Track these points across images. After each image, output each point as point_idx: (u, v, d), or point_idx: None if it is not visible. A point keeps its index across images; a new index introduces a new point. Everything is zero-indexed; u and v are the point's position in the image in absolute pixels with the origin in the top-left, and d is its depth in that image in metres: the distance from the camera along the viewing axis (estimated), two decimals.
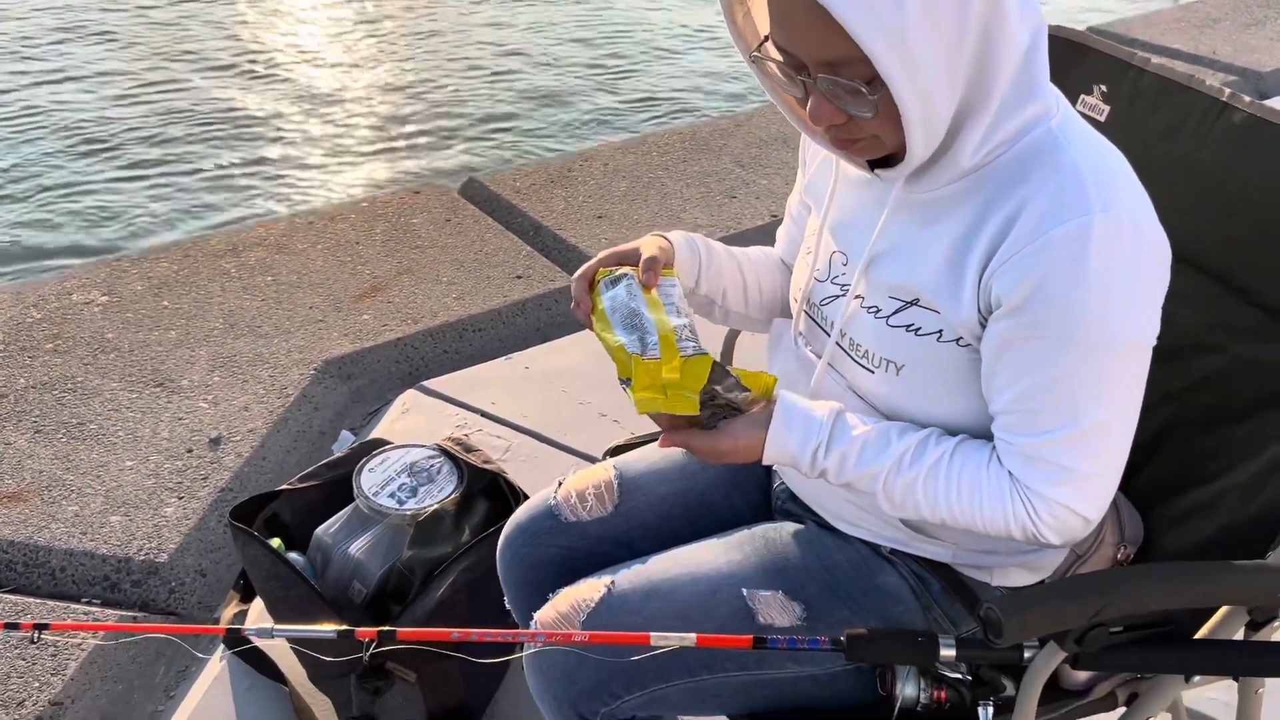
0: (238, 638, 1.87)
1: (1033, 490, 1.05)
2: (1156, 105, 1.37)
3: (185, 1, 6.25)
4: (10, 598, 1.99)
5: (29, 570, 2.07)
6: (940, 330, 1.09)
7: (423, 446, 1.83)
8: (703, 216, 3.52)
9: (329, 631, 1.11)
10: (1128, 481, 1.30)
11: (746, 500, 1.38)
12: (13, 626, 1.10)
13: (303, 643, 1.59)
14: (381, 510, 1.71)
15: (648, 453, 1.43)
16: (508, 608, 1.43)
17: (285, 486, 1.80)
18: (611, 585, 1.19)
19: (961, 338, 1.08)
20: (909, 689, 1.15)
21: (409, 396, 2.61)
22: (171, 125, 4.94)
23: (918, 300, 1.10)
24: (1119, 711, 1.23)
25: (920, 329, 1.10)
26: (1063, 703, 1.21)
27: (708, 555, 1.23)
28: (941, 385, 1.11)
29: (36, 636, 1.08)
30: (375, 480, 1.76)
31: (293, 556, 1.70)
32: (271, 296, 2.98)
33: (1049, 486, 1.05)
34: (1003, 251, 1.01)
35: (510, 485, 1.79)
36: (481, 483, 1.82)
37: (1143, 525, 1.32)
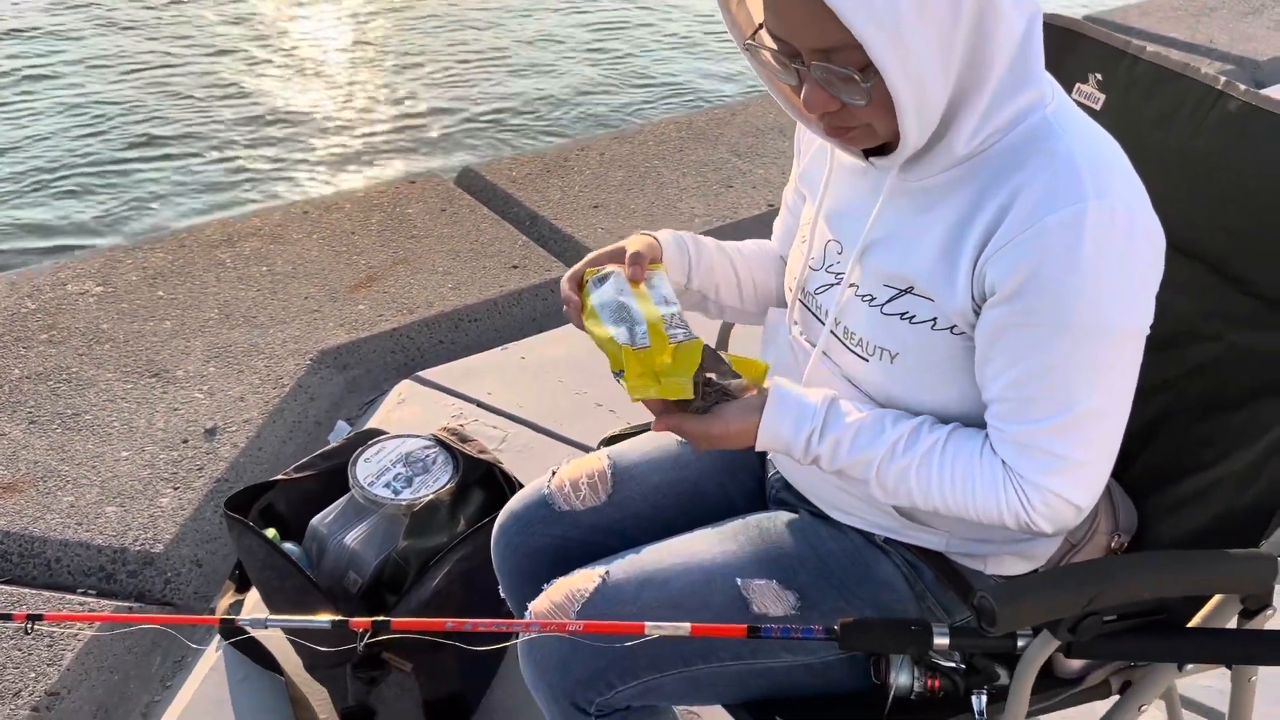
0: (233, 628, 1.87)
1: (1025, 478, 1.05)
2: (1151, 93, 1.37)
3: None
4: (6, 589, 1.99)
5: (24, 561, 2.07)
6: (934, 318, 1.08)
7: (418, 437, 1.83)
8: (699, 206, 3.51)
9: (323, 622, 1.11)
10: (1122, 470, 1.30)
11: (740, 489, 1.38)
12: (5, 617, 1.10)
13: (297, 633, 1.59)
14: (377, 500, 1.70)
15: (641, 442, 1.43)
16: (502, 597, 1.43)
17: (280, 477, 1.80)
18: (606, 575, 1.19)
19: (955, 325, 1.08)
20: (903, 677, 1.15)
21: (405, 387, 2.61)
22: (165, 115, 4.92)
23: (912, 288, 1.09)
24: (1112, 700, 1.23)
25: (914, 317, 1.10)
26: (1056, 691, 1.22)
27: (702, 545, 1.23)
28: (935, 373, 1.11)
29: (30, 627, 1.08)
30: (371, 470, 1.75)
31: (288, 547, 1.70)
32: (267, 287, 2.97)
33: (1042, 475, 1.05)
34: (997, 239, 1.01)
35: (506, 475, 1.79)
36: (477, 473, 1.82)
37: (1137, 514, 1.32)
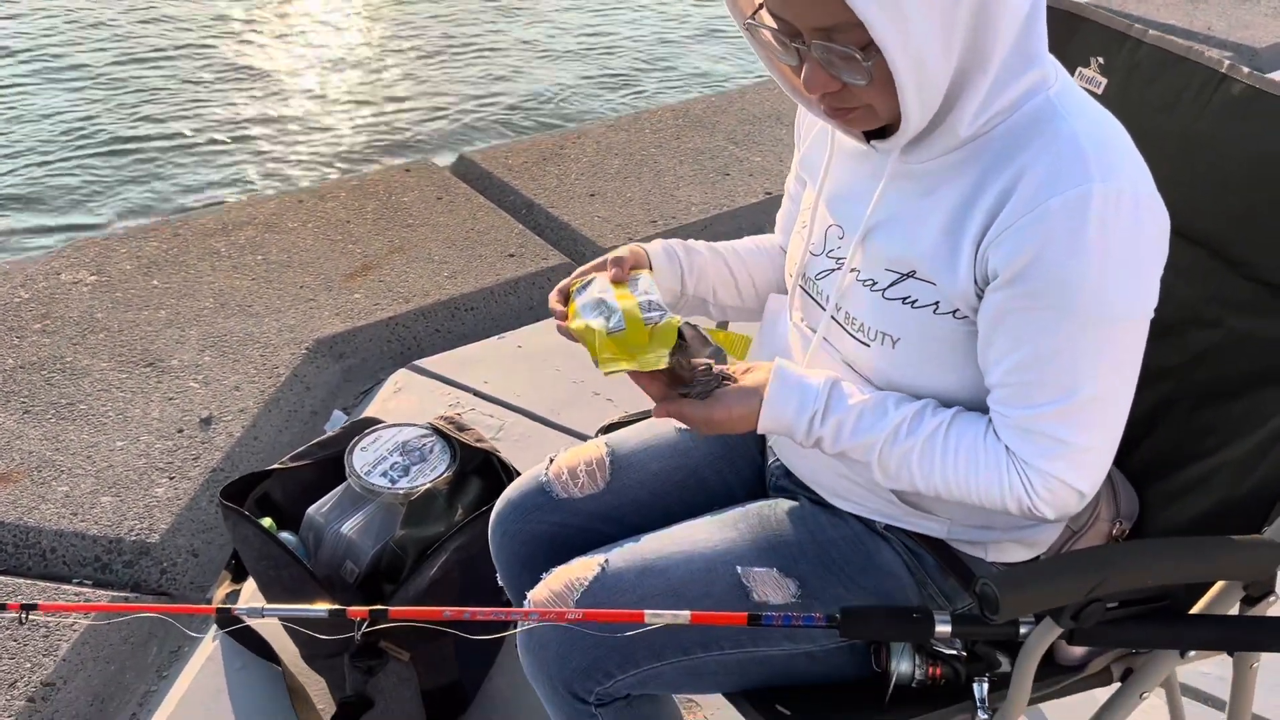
0: (229, 617, 1.85)
1: (1029, 463, 1.05)
2: (1154, 77, 1.36)
3: None
4: (1, 579, 1.98)
5: (19, 551, 2.06)
6: (936, 302, 1.07)
7: (415, 425, 1.82)
8: (696, 194, 3.50)
9: (320, 611, 1.10)
10: (1123, 457, 1.30)
11: (739, 477, 1.38)
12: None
13: (295, 622, 1.58)
14: (374, 489, 1.70)
15: (640, 430, 1.42)
16: (500, 585, 1.42)
17: (277, 466, 1.79)
18: (605, 564, 1.18)
19: (958, 310, 1.07)
20: (904, 665, 1.14)
21: (401, 376, 2.60)
22: (158, 101, 4.89)
23: (914, 272, 1.08)
24: (1113, 687, 1.23)
25: (916, 301, 1.09)
26: (1058, 678, 1.21)
27: (702, 533, 1.22)
28: (937, 358, 1.10)
29: (25, 617, 1.08)
30: (367, 459, 1.75)
31: (285, 536, 1.69)
32: (262, 275, 2.96)
33: (1044, 460, 1.04)
34: (1000, 222, 1.00)
35: (503, 464, 1.78)
36: (474, 461, 1.81)
37: (1138, 500, 1.31)
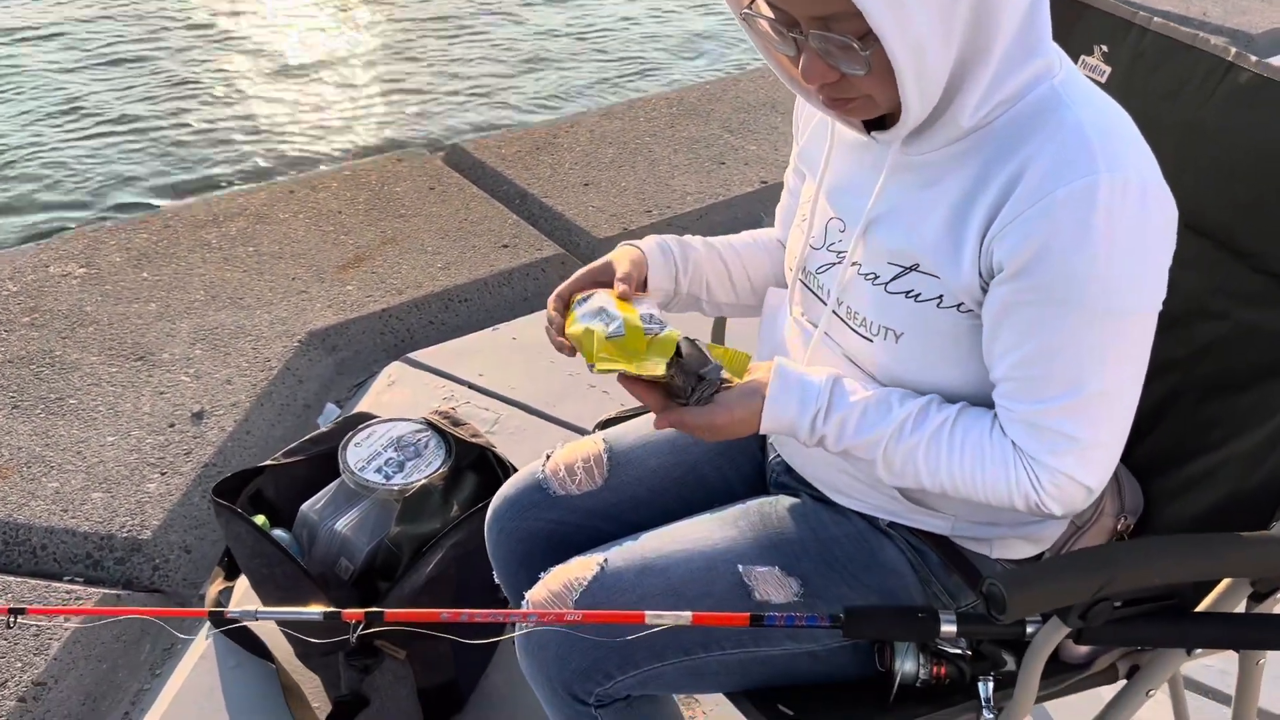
0: (223, 620, 1.83)
1: (1035, 459, 1.03)
2: (1159, 65, 1.34)
3: None
4: None
5: (9, 549, 2.04)
6: (940, 296, 1.06)
7: (409, 421, 1.80)
8: (691, 184, 3.47)
9: (315, 614, 1.08)
10: (1128, 451, 1.27)
11: (739, 473, 1.36)
12: None
13: (289, 625, 1.56)
14: (368, 485, 1.67)
15: (638, 425, 1.40)
16: (497, 583, 1.40)
17: (269, 462, 1.76)
18: (604, 563, 1.17)
19: (962, 303, 1.05)
20: (908, 664, 1.13)
21: (395, 368, 2.57)
22: (146, 89, 4.84)
23: (917, 266, 1.06)
24: (1119, 684, 1.21)
25: (920, 295, 1.07)
26: (1063, 676, 1.20)
27: (702, 531, 1.20)
28: (941, 353, 1.08)
29: (12, 621, 1.05)
30: (361, 455, 1.72)
31: (278, 533, 1.67)
32: (253, 267, 2.93)
33: (1051, 456, 1.02)
34: (1004, 214, 0.98)
35: (499, 459, 1.75)
36: (470, 457, 1.79)
37: (1143, 495, 1.30)
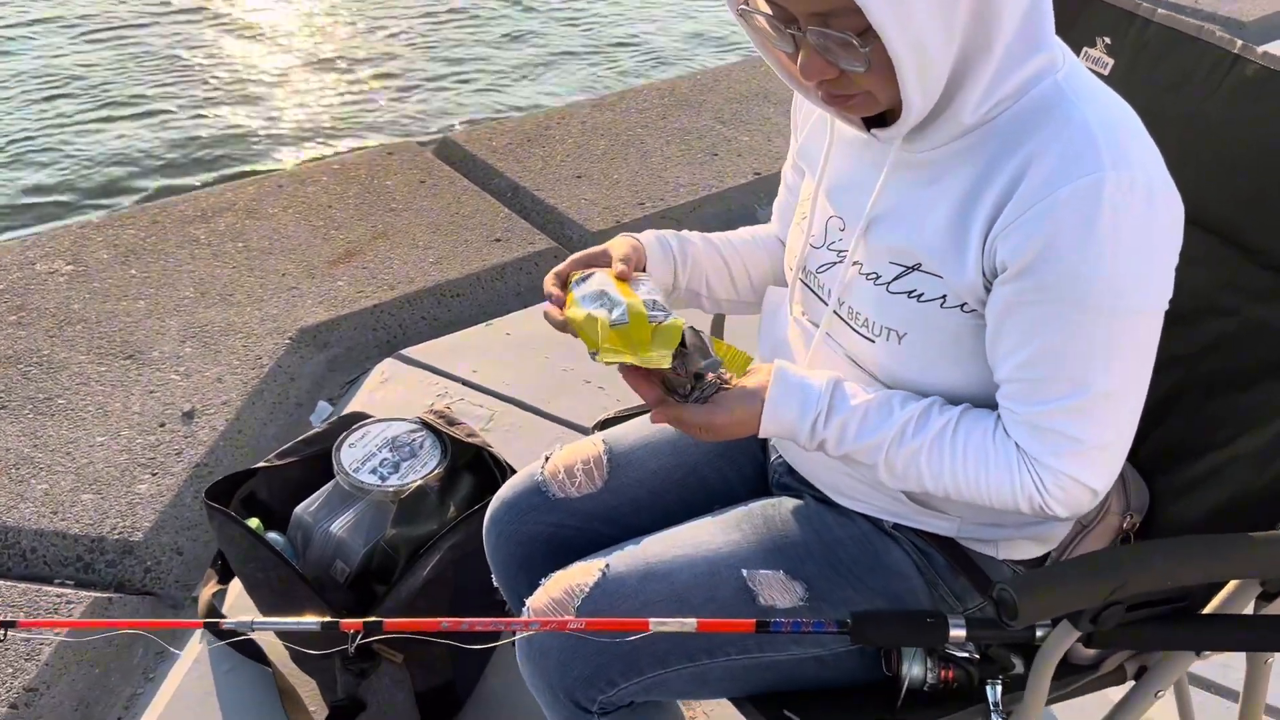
0: (218, 630, 1.80)
1: (1040, 461, 1.02)
2: (1163, 57, 1.32)
3: None
4: None
5: None
6: (943, 296, 1.04)
7: (404, 420, 1.78)
8: (684, 175, 3.45)
9: (312, 624, 1.06)
10: (1133, 448, 1.25)
11: (740, 475, 1.34)
12: None
13: (286, 635, 1.54)
14: (363, 487, 1.65)
15: (638, 426, 1.38)
16: (496, 586, 1.39)
17: (262, 464, 1.74)
18: (606, 569, 1.15)
19: (966, 303, 1.03)
20: (915, 669, 1.11)
21: (387, 365, 2.55)
22: (130, 82, 4.79)
23: (919, 265, 1.05)
24: (1127, 685, 1.20)
25: (922, 295, 1.05)
26: (1071, 678, 1.18)
27: (705, 535, 1.19)
28: (945, 353, 1.06)
29: (3, 636, 1.03)
30: (356, 456, 1.70)
31: (272, 536, 1.65)
32: (243, 263, 2.90)
33: (1056, 458, 1.01)
34: (1008, 212, 0.96)
35: (495, 459, 1.73)
36: (466, 457, 1.76)
37: (1148, 493, 1.28)
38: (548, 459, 1.34)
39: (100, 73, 4.83)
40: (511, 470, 1.73)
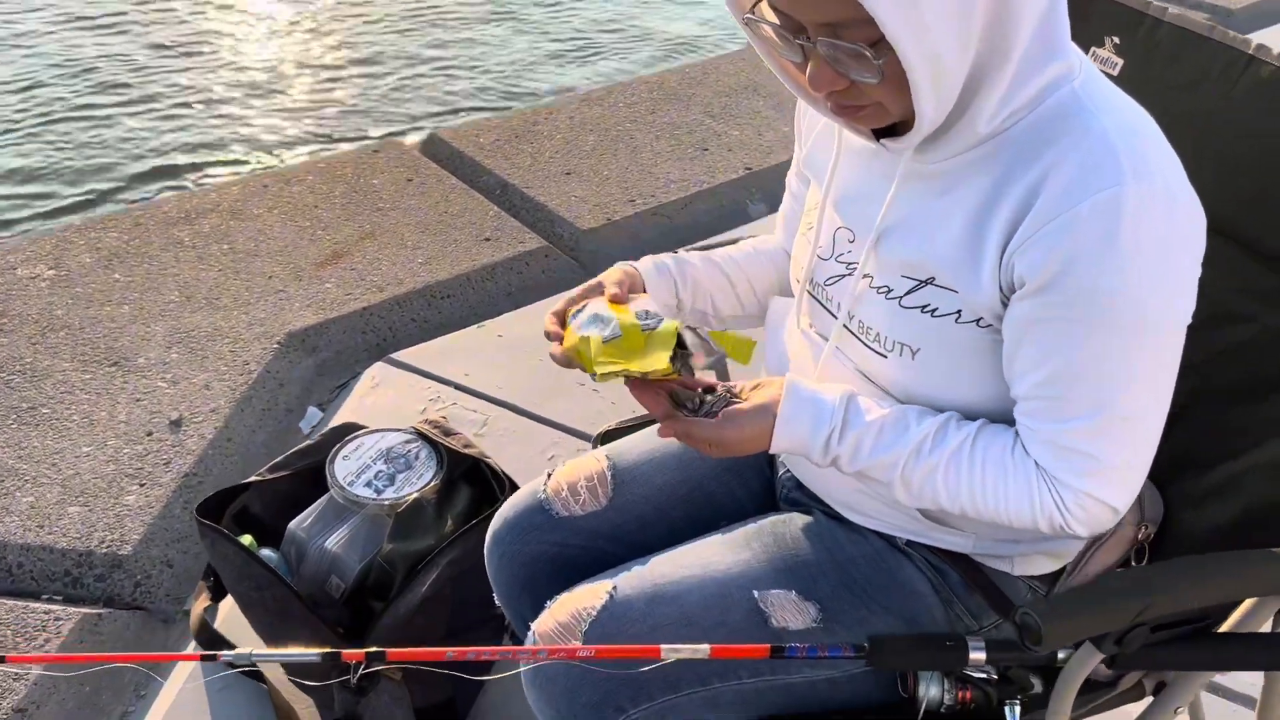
0: (214, 643, 1.77)
1: (1059, 480, 0.99)
2: (1174, 58, 1.29)
3: None
4: None
5: None
6: (959, 310, 1.01)
7: (399, 431, 1.74)
8: (675, 171, 3.41)
9: (313, 655, 1.03)
10: None
11: (748, 490, 1.31)
12: None
13: (286, 666, 1.50)
14: (358, 500, 1.62)
15: (641, 440, 1.35)
16: (497, 604, 1.35)
17: (254, 478, 1.70)
18: (613, 591, 1.12)
19: (981, 318, 1.00)
20: (933, 690, 1.08)
21: (378, 370, 2.51)
22: (110, 78, 4.72)
23: (933, 279, 1.02)
24: (1146, 701, 1.18)
25: (937, 310, 1.02)
26: (1090, 695, 1.16)
27: (714, 554, 1.16)
28: (961, 369, 1.03)
29: None
30: (350, 468, 1.67)
31: (265, 553, 1.61)
32: (229, 266, 2.85)
33: (1076, 477, 0.98)
34: (1026, 226, 0.93)
35: (493, 470, 1.70)
36: (462, 467, 1.73)
37: (1162, 502, 1.26)
38: (550, 475, 1.31)
39: (72, 69, 4.75)
40: (509, 480, 1.70)
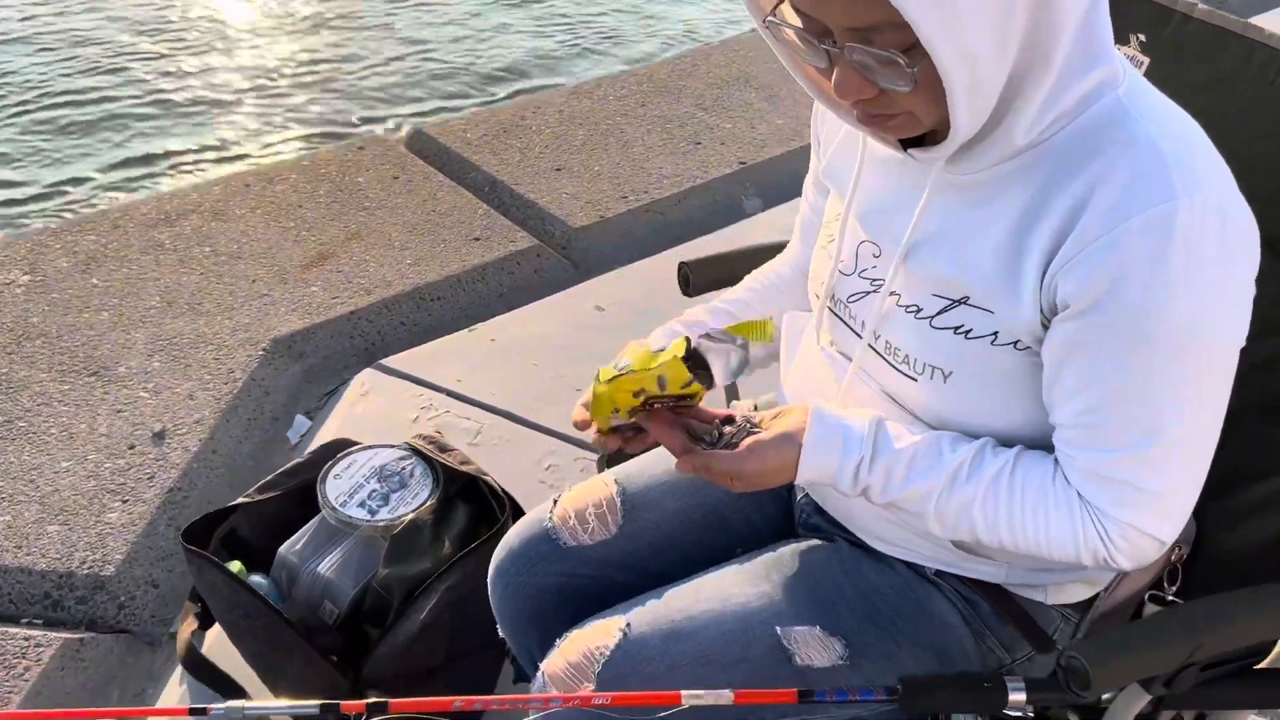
0: (198, 660, 1.70)
1: (1104, 512, 0.93)
2: (1204, 56, 1.23)
3: None
4: None
5: None
6: (994, 333, 0.95)
7: (392, 447, 1.67)
8: (667, 166, 3.34)
9: (311, 706, 0.97)
10: None
11: (764, 515, 1.25)
12: None
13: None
14: (351, 522, 1.55)
15: (650, 462, 1.28)
16: (497, 628, 1.29)
17: (242, 499, 1.63)
18: (627, 628, 1.06)
19: (1019, 340, 0.94)
20: None
21: (367, 377, 2.43)
22: (84, 76, 4.61)
23: (967, 298, 0.96)
24: None
25: (971, 331, 0.96)
26: None
27: (731, 587, 1.10)
28: (997, 393, 0.97)
29: None
30: (342, 488, 1.60)
31: (255, 580, 1.54)
32: (211, 270, 2.77)
33: (1122, 509, 0.92)
34: (1071, 244, 0.87)
35: (491, 488, 1.63)
36: (458, 484, 1.66)
37: (1194, 523, 1.21)
38: (555, 502, 1.24)
39: (42, 61, 4.64)
40: (508, 497, 1.63)
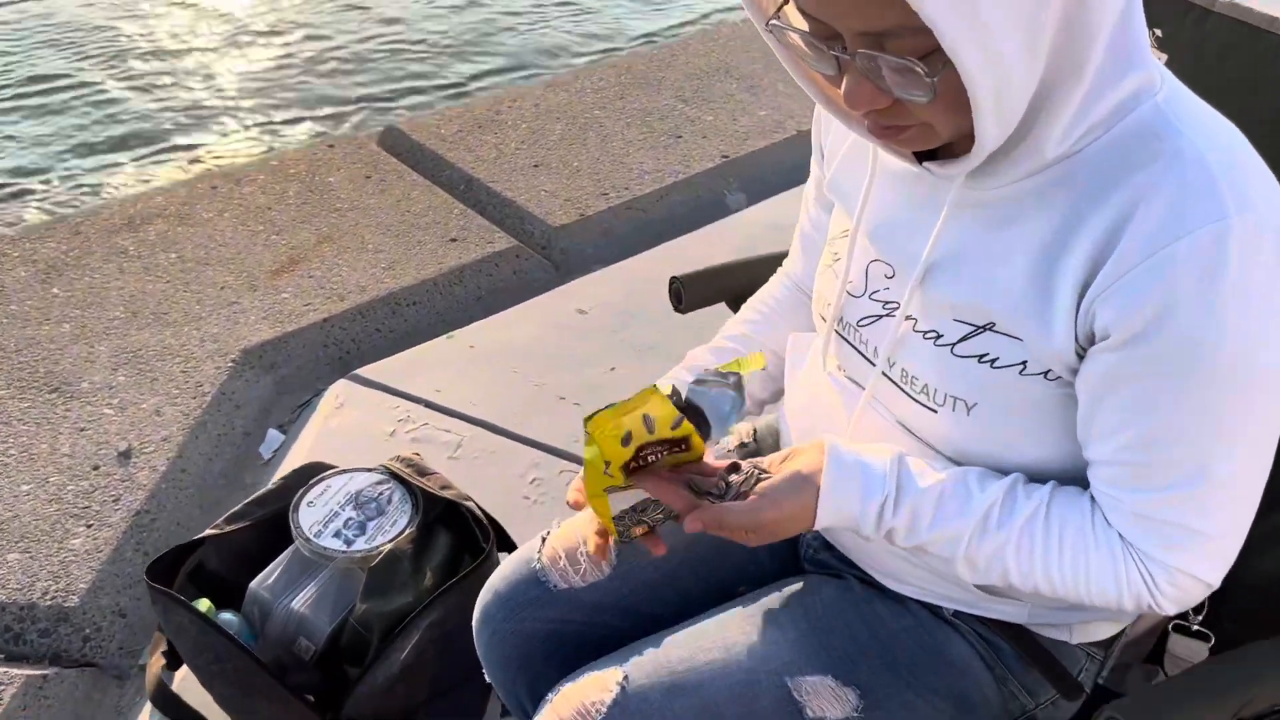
0: (168, 696, 1.61)
1: (1149, 555, 0.86)
2: (1227, 53, 1.16)
3: None
4: None
5: None
6: (1023, 362, 0.87)
7: (368, 471, 1.59)
8: (648, 160, 3.25)
9: None
10: None
11: (768, 550, 1.17)
12: None
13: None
14: (326, 553, 1.47)
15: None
16: (485, 675, 1.21)
17: (210, 531, 1.54)
18: (624, 681, 0.98)
19: (1050, 370, 0.87)
20: None
21: (341, 388, 2.34)
22: (44, 70, 4.47)
23: (992, 325, 0.88)
24: None
25: (997, 360, 0.88)
26: None
27: (736, 634, 1.02)
28: (1024, 427, 0.90)
29: None
30: (316, 516, 1.51)
31: (225, 618, 1.46)
32: (177, 277, 2.66)
33: (1168, 551, 0.85)
34: (1110, 268, 0.79)
35: (473, 514, 1.55)
36: (437, 508, 1.58)
37: None
38: (544, 540, 1.16)
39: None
40: (492, 524, 1.55)
